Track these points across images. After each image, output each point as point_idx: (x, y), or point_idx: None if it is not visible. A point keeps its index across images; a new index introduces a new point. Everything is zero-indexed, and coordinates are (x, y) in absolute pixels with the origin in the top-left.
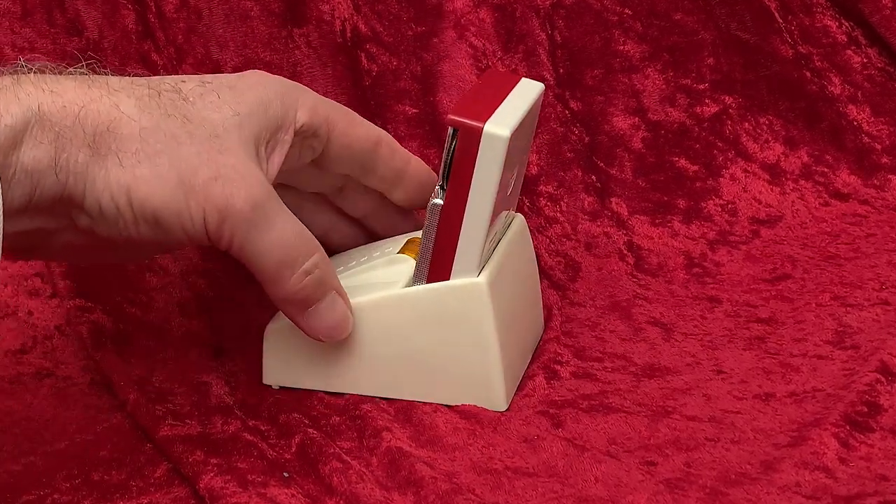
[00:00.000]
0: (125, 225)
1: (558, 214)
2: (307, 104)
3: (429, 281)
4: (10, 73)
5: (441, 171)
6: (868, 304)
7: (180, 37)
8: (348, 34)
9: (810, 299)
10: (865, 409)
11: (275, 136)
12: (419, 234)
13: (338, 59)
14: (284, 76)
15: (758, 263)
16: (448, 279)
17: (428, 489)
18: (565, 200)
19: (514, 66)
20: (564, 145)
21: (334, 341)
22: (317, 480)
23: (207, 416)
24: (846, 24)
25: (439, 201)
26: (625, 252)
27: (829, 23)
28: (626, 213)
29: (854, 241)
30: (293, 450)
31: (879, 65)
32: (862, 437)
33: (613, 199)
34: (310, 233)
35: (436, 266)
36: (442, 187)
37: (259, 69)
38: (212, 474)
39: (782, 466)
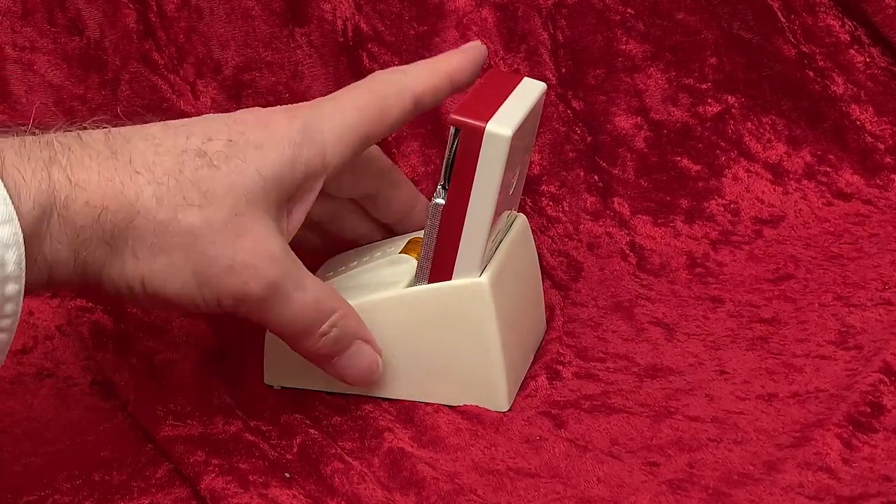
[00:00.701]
0: (139, 303)
1: (560, 214)
2: (336, 145)
3: (431, 281)
4: (42, 143)
5: (443, 171)
6: (871, 305)
7: (181, 36)
8: (350, 34)
9: (813, 299)
10: (868, 410)
11: (301, 188)
12: (421, 234)
13: (339, 58)
14: (286, 76)
15: (760, 263)
16: (450, 279)
17: (430, 490)
18: (567, 200)
19: (516, 66)
20: (566, 145)
21: (365, 386)
22: (318, 481)
23: (209, 416)
24: (849, 23)
25: (441, 201)
26: (627, 252)
27: (831, 22)
28: (628, 213)
29: (857, 241)
30: (294, 450)
31: (882, 64)
32: (865, 437)
33: (616, 199)
34: (328, 291)
35: (438, 266)
36: (443, 187)
37: (261, 69)
38: (213, 475)
39: (785, 467)
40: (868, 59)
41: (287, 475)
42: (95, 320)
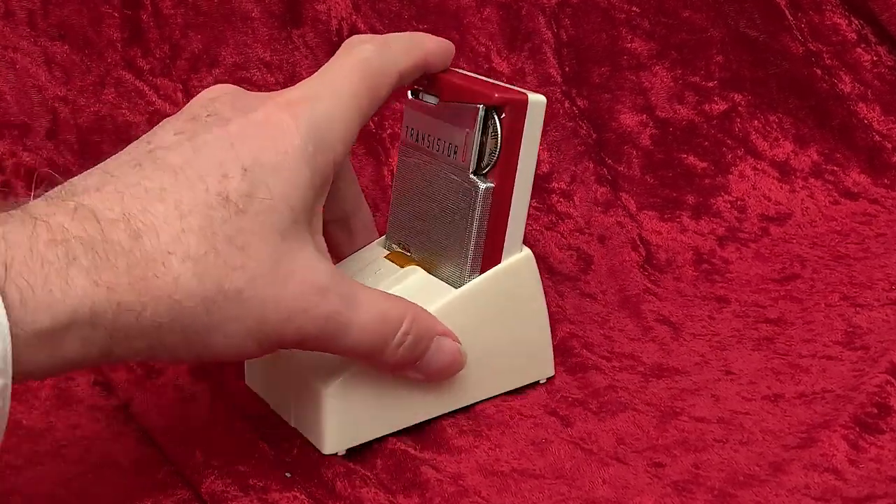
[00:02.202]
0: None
1: (571, 209)
2: (340, 137)
3: (483, 270)
4: (60, 241)
5: (474, 156)
6: (878, 305)
7: (177, 32)
8: (345, 33)
9: (819, 299)
10: (875, 411)
11: (320, 196)
12: (374, 250)
13: None
14: (283, 77)
15: (767, 263)
16: (500, 262)
17: (433, 492)
18: (578, 195)
19: (519, 65)
20: (574, 139)
21: (450, 377)
22: (320, 484)
23: (209, 416)
24: (856, 22)
25: (489, 184)
26: (637, 243)
27: (838, 21)
28: (634, 209)
29: (864, 240)
30: (294, 452)
31: (889, 63)
32: (872, 438)
33: (622, 195)
34: (390, 300)
35: (489, 252)
36: (477, 173)
37: (259, 70)
38: (213, 477)
39: (791, 468)
40: (875, 58)
41: (287, 475)
42: None
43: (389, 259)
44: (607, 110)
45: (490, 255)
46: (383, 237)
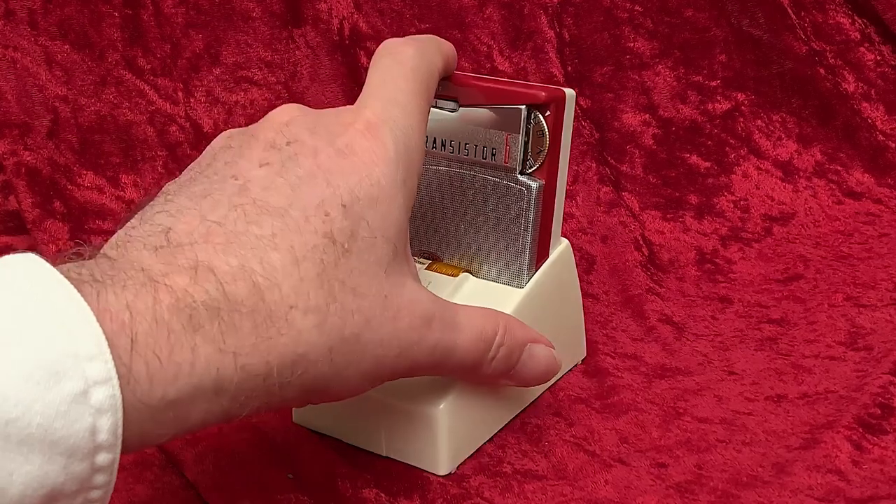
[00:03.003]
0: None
1: (573, 209)
2: (417, 153)
3: (538, 266)
4: (183, 308)
5: (521, 155)
6: (881, 305)
7: (178, 31)
8: (346, 32)
9: (823, 300)
10: (879, 412)
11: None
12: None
13: (335, 57)
14: (285, 76)
15: (770, 263)
16: (548, 256)
17: (435, 493)
18: (581, 195)
19: (522, 64)
20: (576, 139)
21: (547, 381)
22: (322, 485)
23: None
24: (859, 21)
25: (541, 182)
26: (640, 243)
27: (842, 20)
28: (637, 208)
29: (867, 240)
30: (297, 453)
31: (893, 62)
32: (875, 439)
33: (625, 195)
34: (483, 315)
35: (541, 248)
36: (522, 172)
37: (260, 70)
38: (215, 478)
39: (794, 469)
40: (878, 57)
41: (290, 476)
42: None
43: (434, 270)
44: (610, 110)
45: (542, 251)
46: None
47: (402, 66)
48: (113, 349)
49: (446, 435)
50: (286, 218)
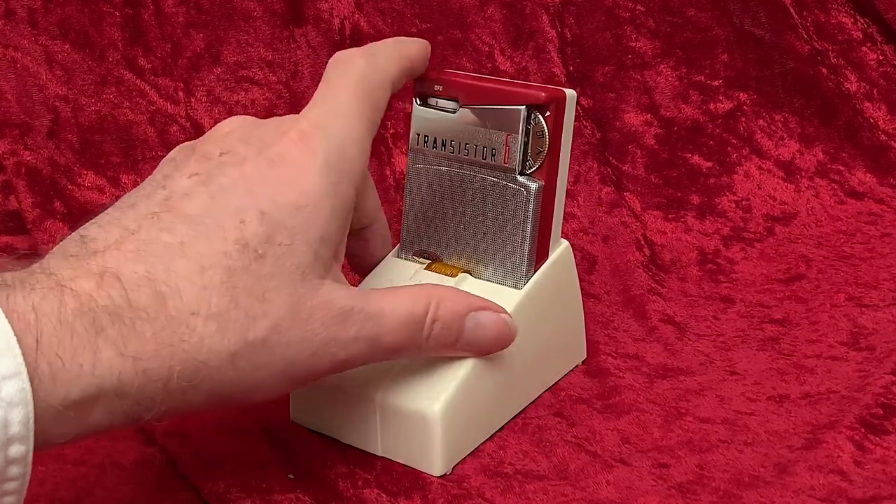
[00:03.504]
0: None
1: (575, 209)
2: (357, 161)
3: (537, 267)
4: (86, 311)
5: (520, 156)
6: (883, 305)
7: (178, 31)
8: (347, 32)
9: (825, 300)
10: (881, 412)
11: (344, 226)
12: (402, 263)
13: None
14: (285, 76)
15: (772, 263)
16: (548, 257)
17: (436, 493)
18: (582, 195)
19: (523, 64)
20: (578, 138)
21: (504, 348)
22: (322, 485)
23: (211, 418)
24: (861, 20)
25: (540, 183)
26: (642, 243)
27: (844, 19)
28: (639, 209)
29: (869, 240)
30: (297, 454)
31: (895, 62)
32: (877, 439)
33: (626, 195)
34: (412, 296)
35: (540, 249)
36: (522, 172)
37: (260, 68)
38: (215, 478)
39: (796, 469)
40: (881, 57)
41: (290, 476)
42: None
43: (433, 270)
44: (611, 109)
45: (541, 252)
46: (395, 249)
47: (347, 76)
48: (20, 348)
49: (442, 436)
50: (198, 225)
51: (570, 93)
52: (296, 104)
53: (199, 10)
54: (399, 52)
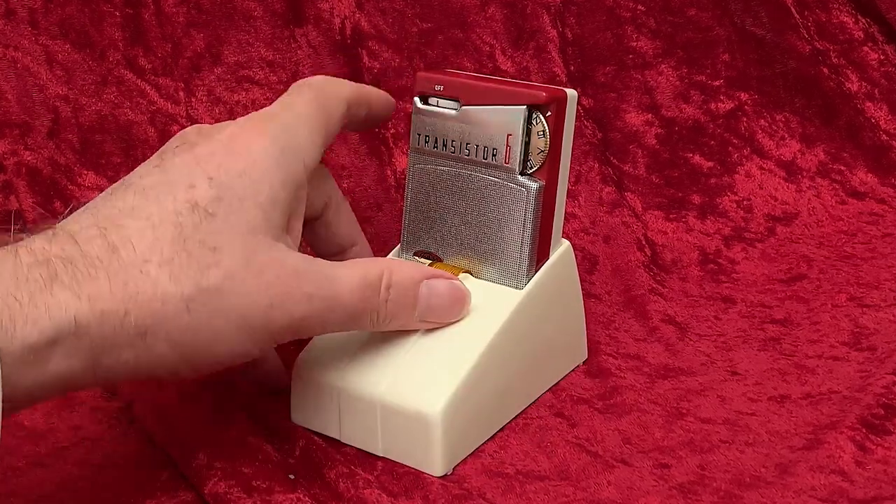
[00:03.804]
0: (186, 377)
1: (576, 209)
2: (307, 144)
3: (538, 267)
4: (41, 261)
5: (520, 156)
6: (885, 305)
7: (179, 31)
8: (348, 32)
9: (826, 300)
10: (882, 412)
11: (294, 200)
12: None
13: (336, 57)
14: (286, 75)
15: (773, 263)
16: (549, 257)
17: (437, 494)
18: (583, 195)
19: (524, 64)
20: (579, 138)
21: (462, 315)
22: (323, 486)
23: (211, 418)
24: (863, 20)
25: (540, 183)
26: (643, 243)
27: (845, 19)
28: (640, 209)
29: (871, 240)
30: (297, 454)
31: None
32: (878, 439)
33: (627, 195)
34: (370, 262)
35: (541, 249)
36: (523, 172)
37: (261, 68)
38: (216, 479)
39: (797, 470)
40: (882, 57)
41: (291, 476)
42: None
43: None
44: (612, 109)
45: (542, 252)
46: (396, 249)
47: (303, 86)
48: None
49: (443, 436)
50: (149, 193)
51: (571, 93)
52: None
53: (200, 10)
54: (359, 87)
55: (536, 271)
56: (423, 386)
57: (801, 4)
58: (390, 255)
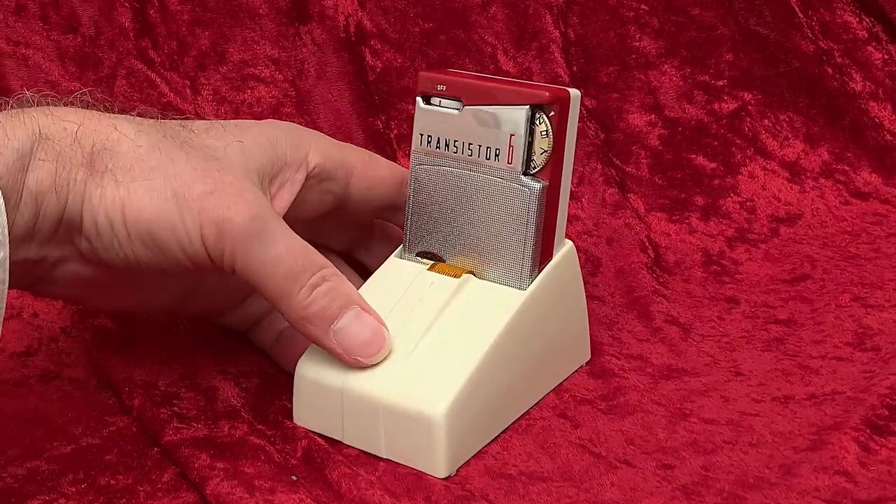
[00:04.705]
0: (121, 245)
1: (579, 211)
2: (320, 147)
3: (541, 268)
4: (14, 103)
5: (522, 157)
6: (889, 305)
7: (184, 29)
8: (352, 30)
9: (830, 300)
10: (886, 413)
11: (283, 172)
12: (403, 264)
13: (341, 54)
14: (291, 73)
15: (777, 263)
16: (551, 258)
17: (439, 495)
18: (586, 196)
19: (526, 64)
20: (582, 140)
21: (370, 358)
22: (325, 486)
23: (214, 419)
24: (867, 19)
25: (544, 184)
26: (646, 245)
27: (849, 18)
28: (642, 210)
29: (875, 240)
30: (299, 454)
31: None
32: (882, 440)
33: (630, 196)
34: (316, 250)
35: (544, 249)
36: (526, 173)
37: (266, 66)
38: (218, 479)
39: (801, 470)
40: (886, 56)
41: (294, 478)
42: (99, 324)
43: (436, 271)
44: (615, 110)
45: (545, 253)
46: (399, 249)
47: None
48: None
49: (446, 438)
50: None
51: (575, 92)
52: (302, 102)
53: (205, 8)
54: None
55: (540, 272)
56: (426, 387)
57: (804, 4)
58: (393, 256)
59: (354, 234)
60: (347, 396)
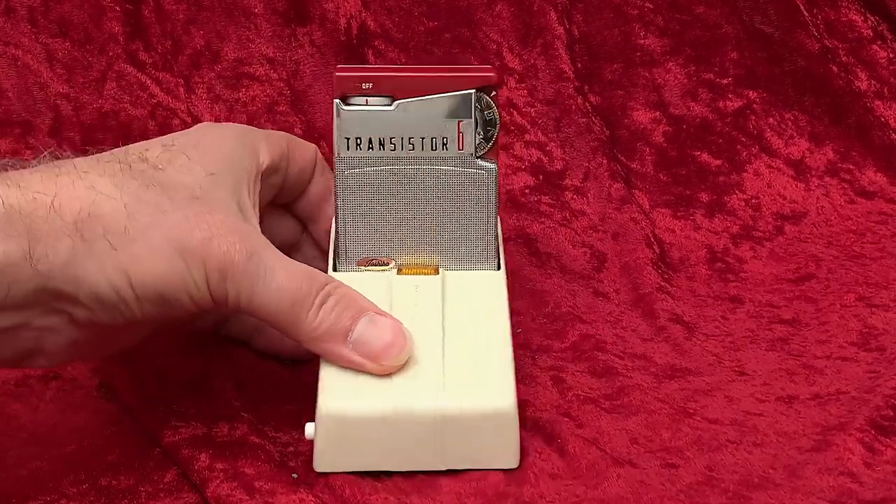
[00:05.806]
0: (128, 308)
1: (585, 206)
2: (266, 145)
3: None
4: None
5: (475, 139)
6: (894, 305)
7: (178, 28)
8: (354, 31)
9: (834, 300)
10: (891, 413)
11: (248, 185)
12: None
13: (341, 55)
14: (286, 74)
15: (781, 262)
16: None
17: (445, 494)
18: (592, 192)
19: (531, 62)
20: (587, 135)
21: (396, 359)
22: (327, 488)
23: (214, 420)
24: (872, 18)
25: (494, 163)
26: (651, 240)
27: (854, 17)
28: (647, 206)
29: (880, 240)
30: (301, 456)
31: None
32: (887, 441)
33: (635, 192)
34: (316, 270)
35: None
36: (474, 155)
37: (262, 66)
38: (218, 480)
39: (806, 471)
40: (891, 55)
41: (294, 476)
42: None
43: (405, 273)
44: (620, 107)
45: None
46: (332, 262)
47: None
48: None
49: (518, 428)
50: (103, 156)
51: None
52: (297, 101)
53: (200, 7)
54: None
55: (499, 248)
56: (481, 386)
57: (809, 2)
58: (340, 271)
59: (290, 224)
60: (398, 420)
